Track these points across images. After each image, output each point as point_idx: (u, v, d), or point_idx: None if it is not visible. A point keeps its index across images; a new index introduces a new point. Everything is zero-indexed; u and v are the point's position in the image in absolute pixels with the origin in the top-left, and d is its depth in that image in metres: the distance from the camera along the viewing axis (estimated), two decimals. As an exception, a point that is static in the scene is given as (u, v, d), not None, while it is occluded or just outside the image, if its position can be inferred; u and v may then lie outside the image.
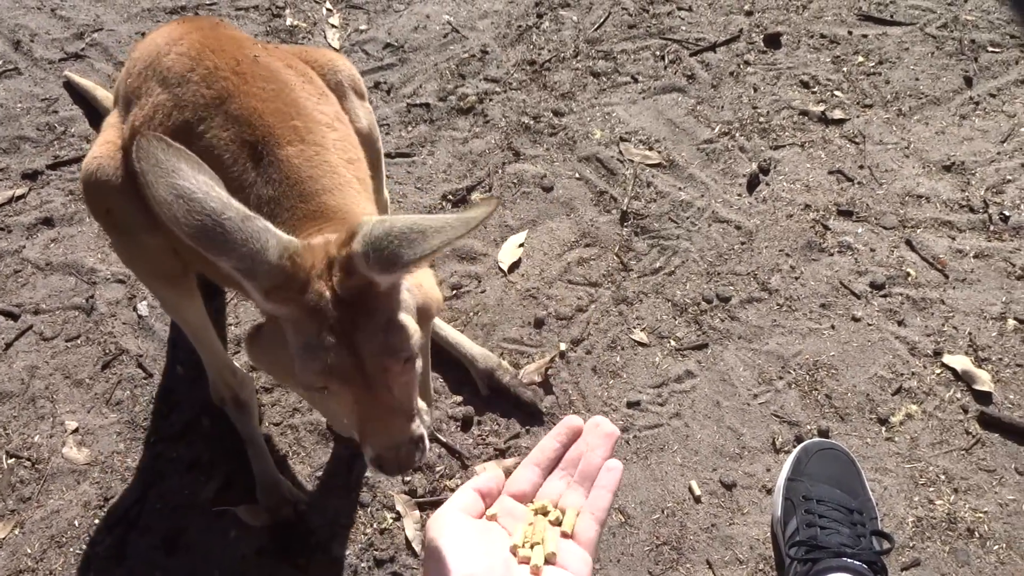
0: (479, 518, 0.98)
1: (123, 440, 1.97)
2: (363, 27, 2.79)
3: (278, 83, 1.49)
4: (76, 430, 1.98)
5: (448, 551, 0.91)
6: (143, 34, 2.73)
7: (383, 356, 1.14)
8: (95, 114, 2.52)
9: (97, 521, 1.86)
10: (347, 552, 1.82)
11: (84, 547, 1.83)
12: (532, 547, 0.94)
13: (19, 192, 2.38)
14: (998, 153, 2.48)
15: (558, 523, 0.97)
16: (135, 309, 2.17)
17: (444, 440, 1.96)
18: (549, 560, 0.93)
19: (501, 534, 0.95)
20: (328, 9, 2.84)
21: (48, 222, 2.32)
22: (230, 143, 1.40)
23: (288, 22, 2.79)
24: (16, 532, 1.84)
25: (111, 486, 1.91)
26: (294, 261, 1.11)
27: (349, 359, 1.12)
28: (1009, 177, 2.41)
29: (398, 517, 1.86)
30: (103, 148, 1.54)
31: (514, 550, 0.94)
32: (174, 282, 1.66)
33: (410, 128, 2.55)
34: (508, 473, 1.03)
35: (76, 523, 1.86)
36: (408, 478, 1.91)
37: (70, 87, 2.59)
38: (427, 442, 1.25)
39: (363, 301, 1.13)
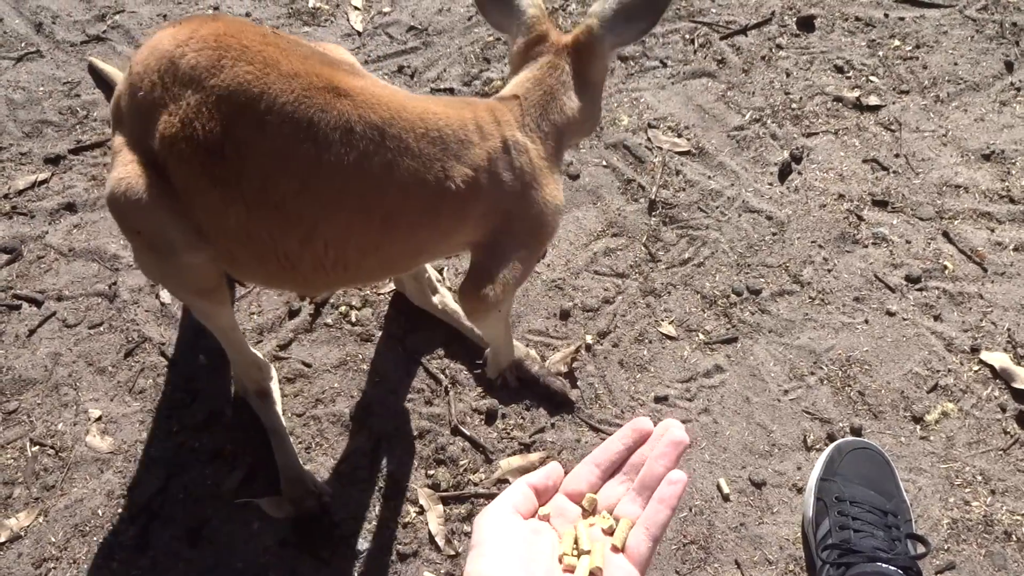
0: (531, 517, 0.93)
1: (146, 429, 1.96)
2: (386, 9, 2.75)
3: (305, 47, 1.46)
4: (99, 418, 1.97)
5: (492, 553, 0.87)
6: (164, 16, 2.70)
7: None
8: (117, 98, 2.49)
9: (120, 511, 1.85)
10: (370, 546, 1.80)
11: (107, 536, 1.82)
12: (579, 556, 0.90)
13: (42, 177, 2.36)
14: (1040, 142, 2.40)
15: (611, 532, 0.92)
16: (158, 296, 2.15)
17: (468, 433, 1.93)
18: (595, 574, 0.89)
19: (551, 537, 0.91)
20: (351, -9, 2.79)
21: (71, 207, 2.30)
22: (302, 98, 1.35)
23: (310, 3, 2.74)
24: (40, 520, 1.84)
25: (134, 475, 1.90)
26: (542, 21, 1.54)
27: None
28: (1052, 167, 2.34)
29: (422, 511, 1.84)
30: (128, 168, 1.46)
31: (561, 558, 0.90)
32: (209, 294, 1.62)
33: (434, 113, 2.50)
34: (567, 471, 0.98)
35: (99, 512, 1.85)
36: (432, 472, 1.89)
37: (94, 71, 2.56)
38: None
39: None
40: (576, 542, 0.91)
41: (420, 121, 1.41)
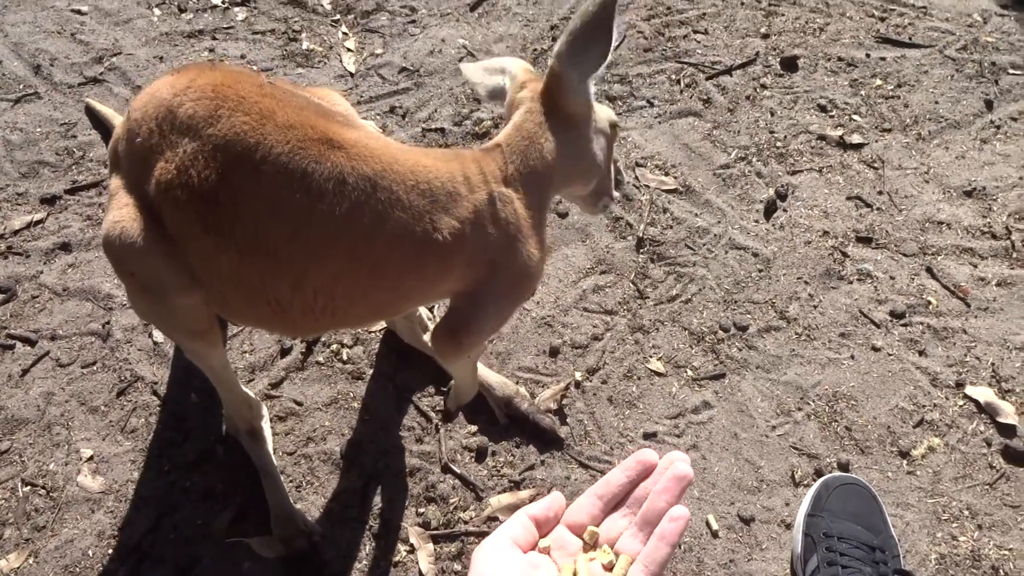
0: (531, 550, 0.93)
1: (137, 468, 1.97)
2: (379, 51, 2.80)
3: (301, 98, 1.49)
4: (91, 458, 1.98)
5: None
6: (161, 59, 2.75)
7: None
8: (113, 139, 2.53)
9: (111, 551, 1.85)
10: (360, 585, 1.80)
11: (98, 577, 1.82)
12: None
13: (37, 217, 2.39)
14: (1020, 178, 2.44)
15: (611, 567, 0.92)
16: (150, 336, 2.17)
17: (458, 471, 1.94)
18: None
19: (549, 571, 0.90)
20: (344, 33, 2.85)
21: (66, 247, 2.33)
22: (297, 149, 1.38)
23: (304, 46, 2.80)
24: (31, 561, 1.84)
25: (125, 515, 1.90)
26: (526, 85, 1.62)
27: None
28: (1032, 203, 2.38)
29: (412, 550, 1.84)
30: (123, 211, 1.48)
31: None
32: (202, 335, 1.64)
33: (425, 153, 2.55)
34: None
35: (90, 553, 1.85)
36: (422, 510, 1.90)
37: (91, 113, 2.61)
38: None
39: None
40: None
41: (411, 174, 1.45)
